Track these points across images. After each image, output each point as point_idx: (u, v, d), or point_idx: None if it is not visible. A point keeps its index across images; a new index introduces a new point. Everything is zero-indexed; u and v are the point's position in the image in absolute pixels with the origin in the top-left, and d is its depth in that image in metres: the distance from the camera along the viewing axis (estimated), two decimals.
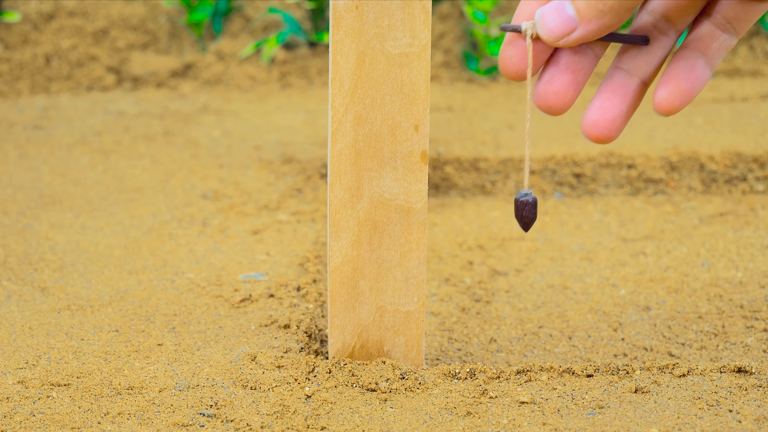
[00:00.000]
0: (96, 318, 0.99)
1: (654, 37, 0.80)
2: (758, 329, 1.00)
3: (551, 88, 0.80)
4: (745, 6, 0.78)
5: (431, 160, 1.36)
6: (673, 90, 0.78)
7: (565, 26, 0.77)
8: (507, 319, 1.03)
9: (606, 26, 0.76)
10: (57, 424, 0.82)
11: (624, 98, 0.79)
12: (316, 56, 1.84)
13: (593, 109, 0.79)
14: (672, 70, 0.78)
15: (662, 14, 0.80)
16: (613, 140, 0.81)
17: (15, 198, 1.29)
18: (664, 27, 0.80)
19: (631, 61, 0.80)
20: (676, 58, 0.79)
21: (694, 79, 0.78)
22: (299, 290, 1.04)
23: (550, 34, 0.78)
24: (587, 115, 0.79)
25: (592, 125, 0.79)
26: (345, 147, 0.83)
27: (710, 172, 1.35)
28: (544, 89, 0.80)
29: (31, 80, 1.77)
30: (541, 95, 0.80)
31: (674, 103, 0.78)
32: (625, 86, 0.80)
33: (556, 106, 0.80)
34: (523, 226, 0.82)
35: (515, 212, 0.82)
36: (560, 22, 0.77)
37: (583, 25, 0.76)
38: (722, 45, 0.79)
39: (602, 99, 0.79)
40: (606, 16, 0.75)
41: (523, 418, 0.82)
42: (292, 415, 0.82)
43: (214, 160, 1.41)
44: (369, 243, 0.85)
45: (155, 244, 1.16)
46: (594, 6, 0.75)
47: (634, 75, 0.80)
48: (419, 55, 0.81)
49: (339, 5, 0.80)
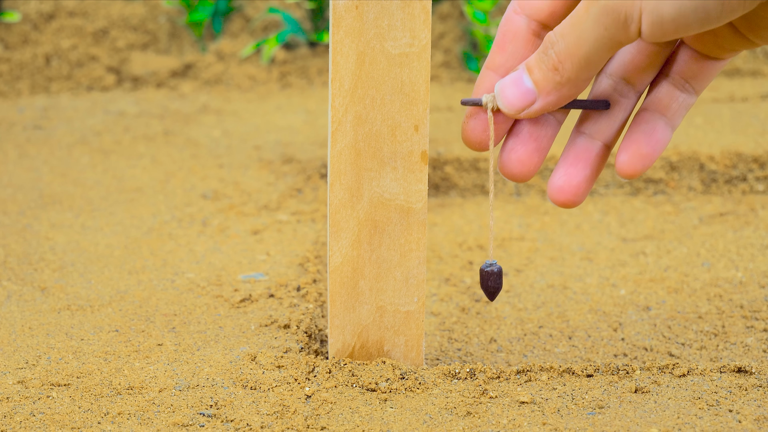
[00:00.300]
0: (96, 318, 0.99)
1: (614, 100, 0.81)
2: (758, 329, 1.00)
3: (515, 156, 0.81)
4: (701, 65, 0.79)
5: (431, 160, 1.36)
6: (634, 154, 0.79)
7: (525, 99, 0.77)
8: (507, 319, 1.03)
9: (565, 97, 0.77)
10: (57, 424, 0.82)
11: (587, 163, 0.80)
12: (316, 56, 1.84)
13: (558, 175, 0.80)
14: (633, 134, 0.79)
15: (621, 77, 0.81)
16: (579, 204, 0.82)
17: (15, 198, 1.29)
18: (624, 89, 0.81)
19: (593, 125, 0.81)
20: (637, 121, 0.79)
21: (654, 143, 0.79)
22: (299, 290, 1.04)
23: (510, 108, 0.78)
24: (553, 181, 0.80)
25: (558, 191, 0.80)
26: (345, 147, 0.83)
27: (710, 172, 1.35)
28: (508, 158, 0.81)
29: (31, 80, 1.77)
30: (506, 164, 0.81)
31: (636, 167, 0.79)
32: (588, 151, 0.81)
33: (521, 174, 0.81)
34: (489, 296, 0.83)
35: (480, 282, 0.83)
36: (519, 95, 0.78)
37: (542, 97, 0.77)
38: (682, 105, 0.80)
39: (567, 165, 0.80)
40: (564, 87, 0.76)
41: (523, 418, 0.82)
42: (292, 415, 0.82)
43: (214, 160, 1.41)
44: (369, 243, 0.85)
45: (155, 244, 1.16)
46: (551, 78, 0.76)
47: (597, 139, 0.81)
48: (419, 55, 0.81)
49: (339, 5, 0.80)
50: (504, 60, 0.80)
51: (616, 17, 0.71)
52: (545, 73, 0.76)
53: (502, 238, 1.22)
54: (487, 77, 0.81)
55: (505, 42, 0.80)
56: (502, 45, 0.80)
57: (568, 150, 0.81)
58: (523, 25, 0.80)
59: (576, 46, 0.73)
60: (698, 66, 0.79)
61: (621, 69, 0.81)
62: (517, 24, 0.80)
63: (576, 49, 0.73)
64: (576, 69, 0.74)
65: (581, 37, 0.73)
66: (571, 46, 0.74)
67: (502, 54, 0.80)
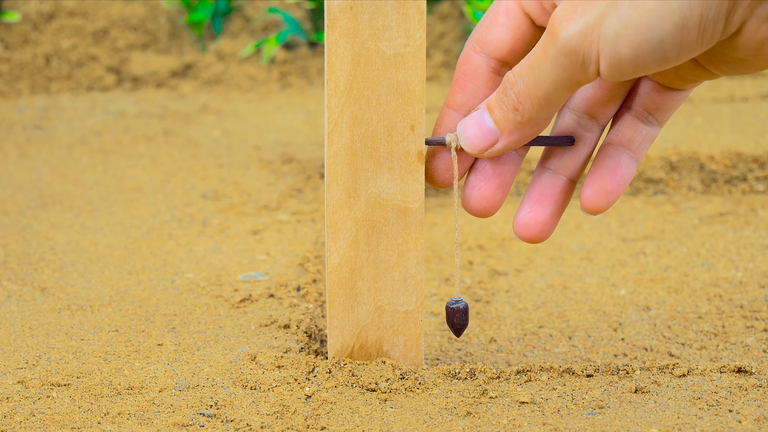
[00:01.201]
0: (96, 318, 0.99)
1: (578, 135, 0.81)
2: (758, 329, 1.00)
3: (478, 193, 0.81)
4: (664, 96, 0.79)
5: None
6: (599, 190, 0.79)
7: (487, 139, 0.78)
8: (507, 319, 1.03)
9: (527, 136, 0.77)
10: (57, 424, 0.82)
11: (552, 199, 0.81)
12: (316, 56, 1.84)
13: (524, 212, 0.80)
14: (597, 169, 0.79)
15: (584, 111, 0.81)
16: (545, 240, 0.83)
17: (15, 198, 1.29)
18: (587, 123, 0.81)
19: (558, 161, 0.81)
20: (601, 156, 0.80)
21: (619, 178, 0.79)
22: (299, 290, 1.04)
23: (473, 148, 0.78)
24: (519, 218, 0.81)
25: (524, 228, 0.81)
26: (341, 148, 0.83)
27: (710, 172, 1.35)
28: (471, 195, 0.81)
29: (31, 80, 1.77)
30: (469, 201, 0.81)
31: (601, 202, 0.79)
32: (553, 186, 0.81)
33: (485, 210, 0.82)
34: (455, 332, 0.84)
35: (447, 319, 0.84)
36: (481, 136, 0.78)
37: (504, 137, 0.77)
38: (645, 137, 0.80)
39: (532, 202, 0.81)
40: (525, 126, 0.76)
41: (523, 418, 0.82)
42: (292, 415, 0.82)
43: (214, 160, 1.41)
44: (367, 243, 0.85)
45: (155, 244, 1.16)
46: (512, 118, 0.76)
47: (561, 174, 0.81)
48: (414, 55, 0.81)
49: (333, 6, 0.80)
50: (465, 99, 0.80)
51: (574, 59, 0.70)
52: (506, 114, 0.76)
53: (502, 238, 1.22)
54: (447, 116, 0.81)
55: (465, 81, 0.80)
56: (462, 84, 0.80)
57: (533, 186, 0.81)
58: (483, 64, 0.80)
59: (535, 86, 0.73)
60: (661, 98, 0.79)
61: (583, 104, 0.81)
62: (476, 62, 0.80)
63: (535, 89, 0.73)
64: (536, 109, 0.74)
65: (540, 77, 0.73)
66: (530, 87, 0.74)
67: (462, 93, 0.80)
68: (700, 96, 1.64)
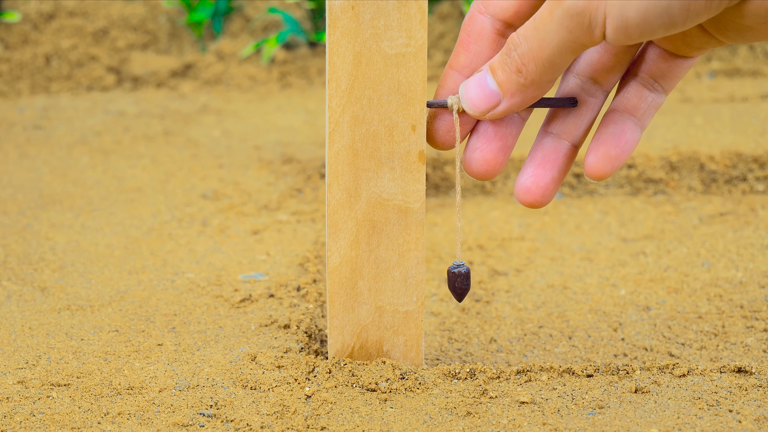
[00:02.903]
0: (96, 318, 0.99)
1: (582, 99, 0.80)
2: (758, 329, 1.00)
3: (480, 156, 0.80)
4: (670, 63, 0.78)
5: (431, 159, 1.36)
6: (603, 156, 0.78)
7: (489, 101, 0.77)
8: (507, 319, 1.03)
9: (530, 98, 0.76)
10: (57, 424, 0.82)
11: (555, 164, 0.80)
12: (316, 56, 1.84)
13: (526, 176, 0.80)
14: (601, 135, 0.78)
15: (589, 76, 0.80)
16: (546, 205, 0.82)
17: (15, 198, 1.29)
18: (591, 89, 0.80)
19: (561, 125, 0.80)
20: (605, 122, 0.79)
21: (623, 144, 0.78)
22: (299, 290, 1.04)
23: (475, 109, 0.78)
24: (520, 182, 0.80)
25: (525, 192, 0.80)
26: (342, 147, 0.83)
27: (710, 172, 1.35)
28: (472, 157, 0.80)
29: (31, 80, 1.77)
30: (470, 163, 0.80)
31: (605, 168, 0.78)
32: (556, 151, 0.80)
33: (486, 172, 0.80)
34: (457, 297, 0.83)
35: (448, 283, 0.83)
36: (484, 97, 0.77)
37: (507, 99, 0.76)
38: (651, 105, 0.79)
39: (534, 166, 0.80)
40: (528, 89, 0.75)
41: (523, 418, 0.82)
42: (292, 415, 0.82)
43: (214, 160, 1.41)
44: (367, 243, 0.85)
45: (155, 244, 1.16)
46: (515, 80, 0.75)
47: (564, 139, 0.80)
48: (416, 55, 0.81)
49: (335, 6, 0.80)
50: (468, 60, 0.80)
51: (580, 21, 0.70)
52: (509, 75, 0.75)
53: (502, 238, 1.22)
54: (450, 77, 0.80)
55: (469, 42, 0.79)
56: (467, 45, 0.79)
57: (536, 150, 0.81)
58: (488, 25, 0.79)
59: (539, 48, 0.73)
60: (667, 65, 0.78)
61: (588, 68, 0.80)
62: (481, 24, 0.79)
63: (539, 51, 0.73)
64: (540, 71, 0.74)
65: (545, 39, 0.72)
66: (535, 49, 0.73)
67: (466, 54, 0.80)
68: (700, 96, 1.64)
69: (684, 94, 1.66)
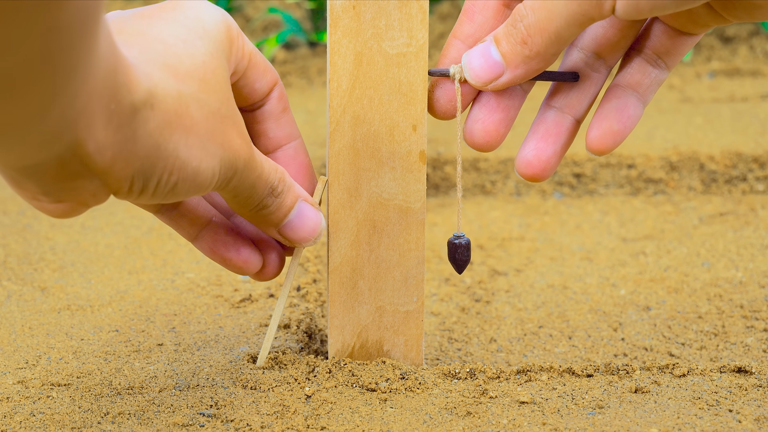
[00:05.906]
0: (96, 318, 0.99)
1: (585, 73, 0.80)
2: (758, 329, 1.00)
3: (481, 126, 0.80)
4: (674, 40, 0.78)
5: (431, 159, 1.36)
6: (606, 131, 0.78)
7: (492, 71, 0.77)
8: (507, 319, 1.03)
9: (533, 70, 0.76)
10: (57, 424, 0.82)
11: (557, 138, 0.80)
12: (316, 56, 1.84)
13: (528, 149, 0.79)
14: (604, 110, 0.78)
15: (593, 51, 0.80)
16: (547, 178, 0.82)
17: (15, 198, 1.29)
18: (595, 63, 0.80)
19: (564, 99, 0.80)
20: (608, 96, 0.79)
21: (626, 119, 0.78)
22: (299, 290, 1.04)
23: (477, 80, 0.77)
24: (522, 155, 0.79)
25: (526, 165, 0.79)
26: (343, 147, 0.83)
27: (710, 172, 1.35)
28: (474, 128, 0.80)
29: None
30: (472, 134, 0.80)
31: (606, 143, 0.78)
32: (558, 125, 0.80)
33: (487, 144, 0.80)
34: (457, 268, 0.83)
35: (448, 254, 0.83)
36: (487, 68, 0.77)
37: (510, 70, 0.76)
38: (654, 80, 0.79)
39: (536, 139, 0.79)
40: (532, 61, 0.75)
41: (523, 418, 0.82)
42: (292, 415, 0.82)
43: None
44: (368, 243, 0.85)
45: (155, 244, 1.16)
46: (519, 52, 0.75)
47: (567, 113, 0.80)
48: (417, 55, 0.81)
49: (336, 5, 0.80)
50: (472, 30, 0.79)
51: None
52: (513, 47, 0.75)
53: (502, 238, 1.22)
54: (454, 46, 0.80)
55: (474, 11, 0.79)
56: (471, 14, 0.79)
57: (538, 123, 0.80)
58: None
59: (547, 20, 0.72)
60: (671, 41, 0.78)
61: (593, 43, 0.80)
62: None
63: (546, 23, 0.72)
64: (545, 43, 0.73)
65: (553, 11, 0.72)
66: (542, 20, 0.73)
67: (470, 23, 0.79)
68: (700, 96, 1.64)
69: (684, 94, 1.66)
